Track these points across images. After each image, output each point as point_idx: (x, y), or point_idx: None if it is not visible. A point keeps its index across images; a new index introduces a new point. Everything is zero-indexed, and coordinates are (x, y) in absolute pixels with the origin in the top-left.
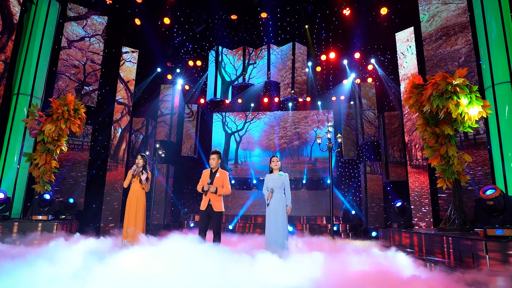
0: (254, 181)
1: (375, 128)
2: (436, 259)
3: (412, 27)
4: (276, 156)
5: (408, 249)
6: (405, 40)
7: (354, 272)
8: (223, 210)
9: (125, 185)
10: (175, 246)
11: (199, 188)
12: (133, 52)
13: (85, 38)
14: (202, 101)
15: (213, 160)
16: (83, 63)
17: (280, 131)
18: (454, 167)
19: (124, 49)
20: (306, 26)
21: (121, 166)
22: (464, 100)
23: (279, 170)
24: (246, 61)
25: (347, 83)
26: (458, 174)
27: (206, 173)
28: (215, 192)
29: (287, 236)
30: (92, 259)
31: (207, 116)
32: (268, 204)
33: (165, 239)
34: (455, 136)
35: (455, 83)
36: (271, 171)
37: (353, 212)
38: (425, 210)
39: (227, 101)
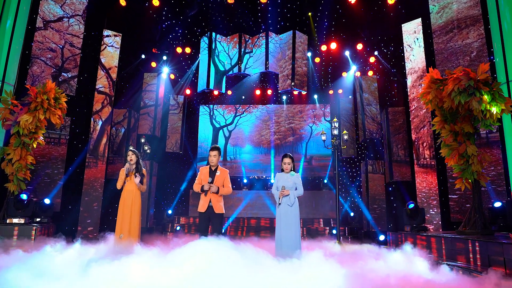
0: (245, 180)
1: (377, 125)
2: (462, 264)
3: (420, 19)
4: (289, 158)
5: (426, 254)
6: (412, 32)
7: (380, 278)
8: (224, 211)
9: (119, 186)
10: (186, 251)
11: (196, 188)
12: (115, 36)
13: (64, 19)
14: (188, 92)
15: (214, 157)
16: (60, 46)
17: (273, 126)
18: (473, 167)
19: (106, 32)
20: (310, 14)
21: (101, 163)
22: (486, 97)
23: (291, 170)
24: (242, 50)
25: (347, 76)
26: (477, 174)
27: (204, 171)
28: (217, 192)
29: (299, 239)
30: (101, 272)
31: (194, 108)
32: (279, 204)
33: (164, 242)
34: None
35: (478, 78)
36: (282, 170)
37: (352, 214)
38: (433, 212)
39: (216, 93)
